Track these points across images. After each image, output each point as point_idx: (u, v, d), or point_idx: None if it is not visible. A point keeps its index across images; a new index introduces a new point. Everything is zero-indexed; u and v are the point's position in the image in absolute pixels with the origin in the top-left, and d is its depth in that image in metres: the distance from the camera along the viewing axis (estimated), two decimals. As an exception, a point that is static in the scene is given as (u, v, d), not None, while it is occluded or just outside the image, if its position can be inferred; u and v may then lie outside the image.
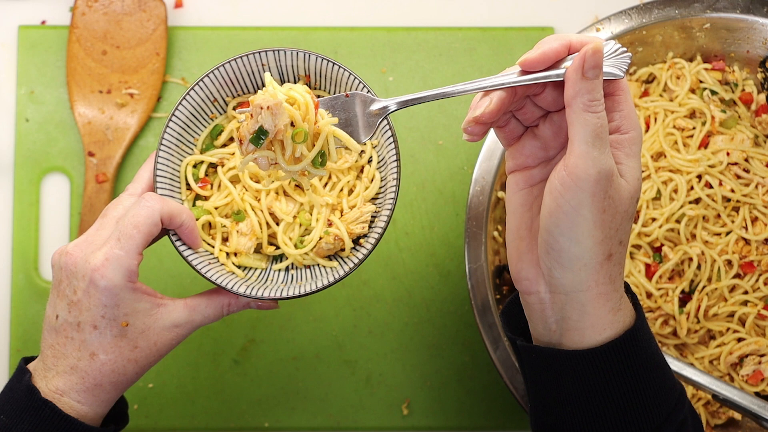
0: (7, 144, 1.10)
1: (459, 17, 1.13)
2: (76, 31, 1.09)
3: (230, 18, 1.13)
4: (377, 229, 0.83)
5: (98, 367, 0.76)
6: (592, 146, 0.66)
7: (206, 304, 0.82)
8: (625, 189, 0.68)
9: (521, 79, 0.69)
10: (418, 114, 1.11)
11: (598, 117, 0.66)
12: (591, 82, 0.66)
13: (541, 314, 0.72)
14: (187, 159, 0.86)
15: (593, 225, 0.67)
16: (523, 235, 0.73)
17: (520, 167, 0.75)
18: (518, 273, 0.73)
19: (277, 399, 1.08)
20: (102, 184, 1.07)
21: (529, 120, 0.73)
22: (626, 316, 0.71)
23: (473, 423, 1.08)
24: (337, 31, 1.12)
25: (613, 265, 0.69)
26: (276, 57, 0.84)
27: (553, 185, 0.68)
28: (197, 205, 0.86)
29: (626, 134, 0.70)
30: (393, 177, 0.82)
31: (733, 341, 1.01)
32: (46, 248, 1.09)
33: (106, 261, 0.75)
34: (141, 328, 0.77)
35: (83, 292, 0.75)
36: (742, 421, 1.03)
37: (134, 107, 1.09)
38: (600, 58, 0.66)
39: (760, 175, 1.01)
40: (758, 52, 1.03)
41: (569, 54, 0.69)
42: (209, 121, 0.88)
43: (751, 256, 1.00)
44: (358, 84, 0.83)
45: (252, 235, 0.85)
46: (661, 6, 1.00)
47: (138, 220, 0.76)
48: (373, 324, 1.09)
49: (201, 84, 0.84)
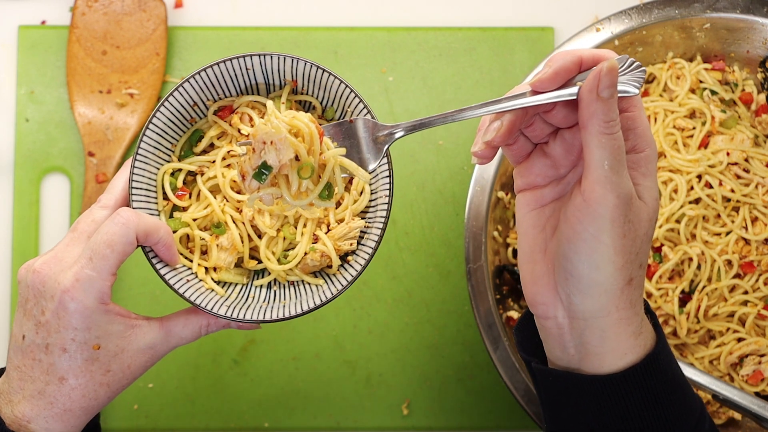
0: (7, 144, 1.10)
1: (459, 17, 1.13)
2: (76, 31, 1.09)
3: (230, 18, 1.13)
4: (367, 248, 0.79)
5: (68, 392, 0.72)
6: (609, 170, 0.64)
7: (183, 324, 0.77)
8: (644, 211, 0.66)
9: (533, 99, 0.66)
10: (418, 114, 1.11)
11: (615, 138, 0.64)
12: (606, 102, 0.64)
13: (558, 339, 0.70)
14: (165, 167, 0.80)
15: (614, 251, 0.65)
16: (537, 258, 0.71)
17: (530, 186, 0.72)
18: (533, 297, 0.70)
19: (277, 399, 1.08)
20: (102, 184, 1.07)
21: (539, 137, 0.71)
22: (647, 339, 0.69)
23: (473, 423, 1.08)
24: (336, 31, 1.12)
25: (633, 289, 0.67)
26: (261, 61, 0.79)
27: (570, 211, 0.66)
28: (175, 216, 0.81)
29: (642, 152, 0.67)
30: (385, 192, 0.79)
31: (733, 341, 1.01)
32: (46, 248, 1.09)
33: (77, 282, 0.70)
34: (114, 351, 0.73)
35: (52, 314, 0.71)
36: (742, 421, 1.03)
37: (134, 107, 1.09)
38: (615, 77, 0.64)
39: (760, 175, 1.01)
40: (758, 52, 1.03)
41: (581, 71, 0.67)
42: (188, 125, 0.82)
43: (751, 256, 1.00)
44: (346, 90, 0.79)
45: (233, 250, 0.80)
46: (661, 6, 1.00)
47: (112, 239, 0.71)
48: (373, 324, 1.09)
49: (181, 89, 0.79)
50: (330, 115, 0.83)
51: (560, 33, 1.12)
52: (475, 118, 0.79)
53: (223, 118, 0.82)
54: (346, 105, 0.80)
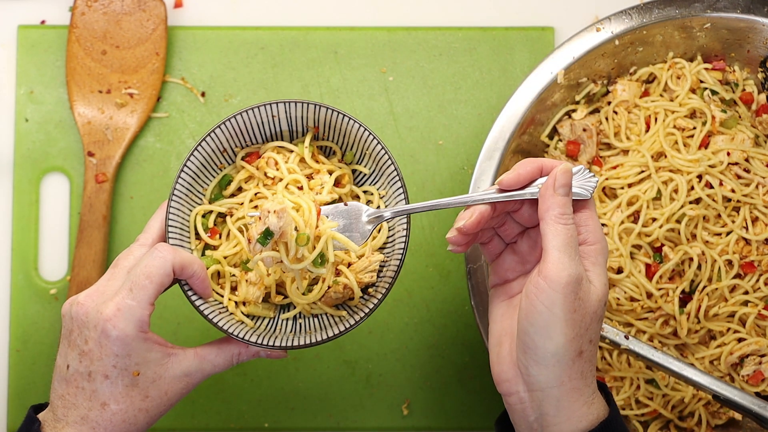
0: (6, 144, 1.10)
1: (459, 17, 1.13)
2: (75, 30, 1.09)
3: (230, 18, 1.13)
4: (386, 279, 0.85)
5: (109, 417, 0.76)
6: (563, 253, 0.74)
7: (216, 353, 0.82)
8: (593, 293, 0.75)
9: (499, 195, 0.78)
10: (418, 114, 1.11)
11: (568, 228, 0.75)
12: (561, 198, 0.76)
13: (522, 413, 0.77)
14: (197, 209, 0.87)
15: (565, 323, 0.73)
16: (504, 341, 0.80)
17: (502, 280, 0.83)
18: (499, 375, 0.79)
19: (277, 399, 1.08)
20: (102, 184, 1.07)
21: (510, 236, 0.83)
22: (600, 410, 0.77)
23: (473, 423, 1.08)
24: (337, 31, 1.12)
25: (584, 362, 0.76)
26: (286, 108, 0.86)
27: (529, 289, 0.75)
28: (206, 254, 0.87)
29: (592, 246, 0.77)
30: (402, 228, 0.85)
31: (734, 341, 1.01)
32: (45, 248, 1.09)
33: (118, 311, 0.75)
34: (152, 378, 0.78)
35: (95, 342, 0.75)
36: (742, 422, 1.03)
37: (134, 107, 1.09)
38: (569, 178, 0.76)
39: (760, 175, 1.01)
40: (759, 51, 1.03)
41: (541, 176, 0.79)
42: (218, 171, 0.89)
43: (751, 256, 1.00)
44: (367, 135, 0.86)
45: (261, 284, 0.86)
46: (662, 6, 1.00)
47: (150, 271, 0.77)
48: (373, 324, 1.09)
49: (212, 135, 0.86)
50: (349, 158, 0.90)
51: (560, 33, 1.12)
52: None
53: (251, 163, 0.89)
54: (365, 148, 0.88)
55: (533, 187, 0.78)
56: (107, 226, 1.07)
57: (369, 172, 0.89)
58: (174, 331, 1.08)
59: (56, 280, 1.09)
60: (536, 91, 1.00)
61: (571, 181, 0.77)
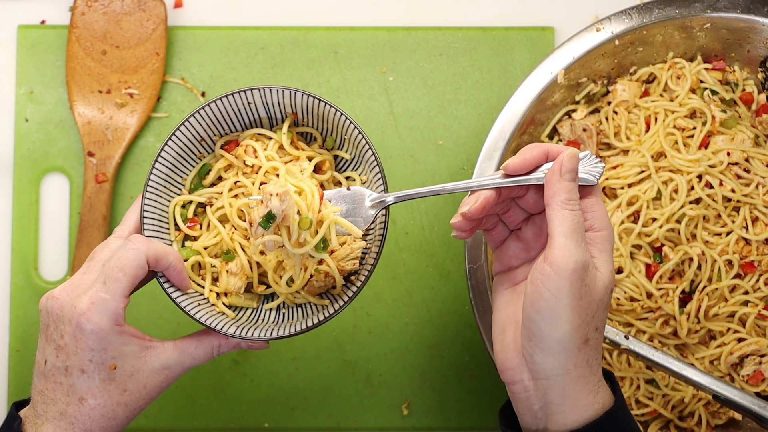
0: (6, 144, 1.10)
1: (459, 17, 1.13)
2: (75, 30, 1.09)
3: (230, 18, 1.13)
4: (367, 265, 0.83)
5: (87, 412, 0.76)
6: (569, 239, 0.73)
7: (196, 345, 0.81)
8: (600, 279, 0.74)
9: (504, 180, 0.77)
10: (418, 114, 1.11)
11: (575, 214, 0.74)
12: (568, 183, 0.74)
13: (526, 402, 0.76)
14: (176, 199, 0.86)
15: (571, 311, 0.72)
16: (508, 329, 0.78)
17: (506, 268, 0.82)
18: (503, 363, 0.77)
19: (277, 399, 1.08)
20: (102, 184, 1.07)
21: (514, 222, 0.81)
22: (605, 399, 0.76)
23: (473, 423, 1.08)
24: (337, 31, 1.12)
25: (590, 350, 0.75)
26: (262, 94, 0.85)
27: (534, 275, 0.74)
28: (186, 245, 0.86)
29: (599, 232, 0.76)
30: (381, 214, 0.83)
31: (734, 341, 1.01)
32: (45, 248, 1.09)
33: (92, 305, 0.75)
34: (130, 371, 0.77)
35: (70, 337, 0.75)
36: (742, 422, 1.03)
37: (134, 107, 1.09)
38: (576, 163, 0.75)
39: (760, 175, 1.01)
40: (759, 51, 1.03)
41: (547, 161, 0.77)
42: (197, 160, 0.87)
43: (751, 256, 1.00)
44: (346, 121, 0.84)
45: (242, 275, 0.85)
46: (662, 6, 1.00)
47: (123, 263, 0.76)
48: (373, 324, 1.09)
49: (186, 124, 0.84)
50: (330, 144, 0.89)
51: (560, 33, 1.12)
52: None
53: (230, 151, 0.88)
54: (344, 133, 0.86)
55: (539, 173, 0.77)
56: (107, 226, 1.07)
57: (350, 158, 0.88)
58: (174, 331, 1.08)
59: (56, 280, 1.09)
60: (536, 91, 1.00)
61: (577, 166, 0.75)
